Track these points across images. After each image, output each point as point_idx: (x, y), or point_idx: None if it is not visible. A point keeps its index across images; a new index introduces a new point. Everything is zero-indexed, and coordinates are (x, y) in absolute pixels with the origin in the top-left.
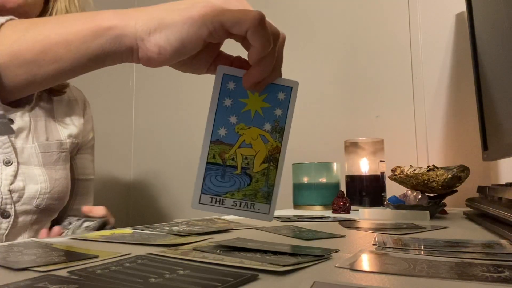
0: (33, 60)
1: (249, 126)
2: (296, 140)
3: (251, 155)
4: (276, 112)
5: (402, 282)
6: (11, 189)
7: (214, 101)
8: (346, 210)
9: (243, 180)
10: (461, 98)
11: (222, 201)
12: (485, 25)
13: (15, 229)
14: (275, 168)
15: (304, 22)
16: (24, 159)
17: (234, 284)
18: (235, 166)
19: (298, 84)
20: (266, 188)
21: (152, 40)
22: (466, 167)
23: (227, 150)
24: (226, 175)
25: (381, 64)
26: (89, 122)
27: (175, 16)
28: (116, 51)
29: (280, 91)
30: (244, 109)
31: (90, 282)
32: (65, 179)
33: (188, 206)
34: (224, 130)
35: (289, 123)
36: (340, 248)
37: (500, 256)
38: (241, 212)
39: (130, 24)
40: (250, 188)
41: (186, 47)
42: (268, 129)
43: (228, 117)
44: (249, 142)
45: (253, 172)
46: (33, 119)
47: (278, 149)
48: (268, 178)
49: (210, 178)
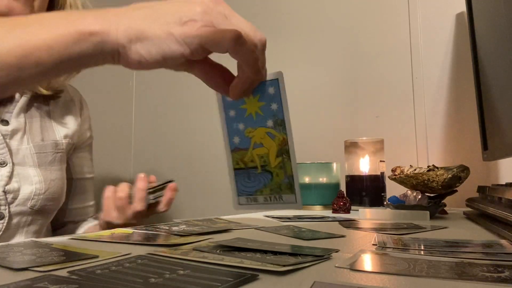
0: (14, 64)
1: (255, 127)
2: (296, 140)
3: (266, 153)
4: (272, 107)
5: (402, 282)
6: (6, 190)
7: (222, 116)
8: (346, 210)
9: (266, 177)
10: (461, 98)
11: (255, 199)
12: (485, 25)
13: (9, 230)
14: (289, 159)
15: (304, 22)
16: (19, 160)
17: (234, 284)
18: (255, 167)
19: (282, 74)
20: (286, 179)
21: (133, 48)
22: (466, 167)
23: (245, 154)
24: (251, 176)
25: (381, 64)
26: (86, 121)
27: (156, 29)
28: (98, 55)
29: (269, 86)
30: (246, 114)
31: (90, 282)
32: (60, 180)
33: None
34: (238, 138)
35: (286, 113)
36: (340, 248)
37: (500, 256)
38: (273, 206)
39: (111, 31)
40: (273, 182)
41: (167, 61)
42: (271, 125)
43: (236, 126)
44: (260, 142)
45: (271, 167)
46: (28, 120)
47: (285, 140)
48: (285, 169)
49: (241, 182)
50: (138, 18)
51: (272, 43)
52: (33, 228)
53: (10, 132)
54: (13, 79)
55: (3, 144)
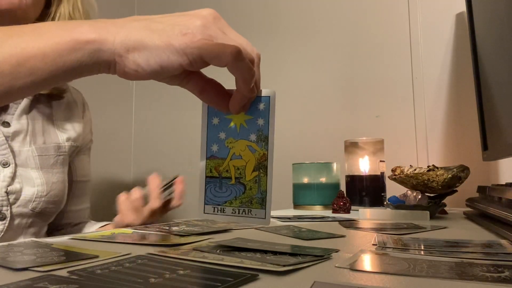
0: (9, 73)
1: (237, 139)
2: (296, 140)
3: (242, 166)
4: (259, 122)
5: (402, 282)
6: (8, 191)
7: (204, 122)
8: (346, 210)
9: (238, 189)
10: (461, 98)
11: (223, 209)
12: (485, 25)
13: (10, 231)
14: (265, 175)
15: (304, 22)
16: (21, 162)
17: (234, 284)
18: (229, 177)
19: (275, 93)
20: (260, 194)
21: (131, 58)
22: (466, 167)
23: (221, 163)
24: (223, 186)
25: (381, 64)
26: (88, 124)
27: (155, 39)
28: (93, 64)
29: (260, 102)
30: (230, 124)
31: (90, 282)
32: (62, 182)
33: (188, 206)
34: (216, 146)
35: (272, 130)
36: (340, 248)
37: (500, 256)
38: (240, 219)
39: (108, 40)
40: (245, 196)
41: (164, 71)
42: (254, 139)
43: (217, 134)
44: (239, 154)
45: (246, 180)
46: (30, 122)
47: (265, 156)
48: (260, 184)
49: (210, 190)
50: (137, 28)
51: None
52: (33, 230)
53: (12, 134)
54: (6, 88)
55: (5, 144)
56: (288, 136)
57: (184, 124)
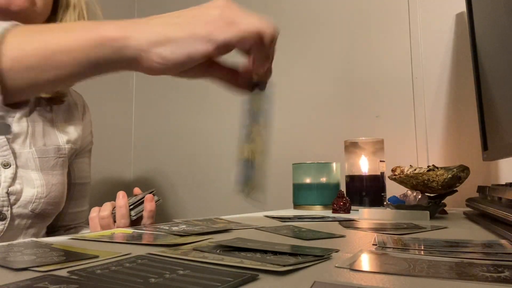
0: (36, 66)
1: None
2: (296, 140)
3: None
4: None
5: (402, 282)
6: (9, 192)
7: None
8: (346, 210)
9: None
10: (461, 98)
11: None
12: (485, 25)
13: (10, 232)
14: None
15: (304, 22)
16: (22, 163)
17: (234, 284)
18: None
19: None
20: None
21: (156, 52)
22: (466, 167)
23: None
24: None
25: (381, 64)
26: (88, 126)
27: (178, 31)
28: (118, 61)
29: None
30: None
31: (90, 282)
32: (61, 184)
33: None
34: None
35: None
36: (340, 248)
37: (500, 256)
38: None
39: (133, 36)
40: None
41: (192, 60)
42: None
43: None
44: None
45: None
46: (30, 124)
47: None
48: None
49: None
50: (159, 24)
51: None
52: (32, 231)
53: (12, 136)
54: (33, 81)
55: (6, 145)
56: (288, 136)
57: (184, 124)
